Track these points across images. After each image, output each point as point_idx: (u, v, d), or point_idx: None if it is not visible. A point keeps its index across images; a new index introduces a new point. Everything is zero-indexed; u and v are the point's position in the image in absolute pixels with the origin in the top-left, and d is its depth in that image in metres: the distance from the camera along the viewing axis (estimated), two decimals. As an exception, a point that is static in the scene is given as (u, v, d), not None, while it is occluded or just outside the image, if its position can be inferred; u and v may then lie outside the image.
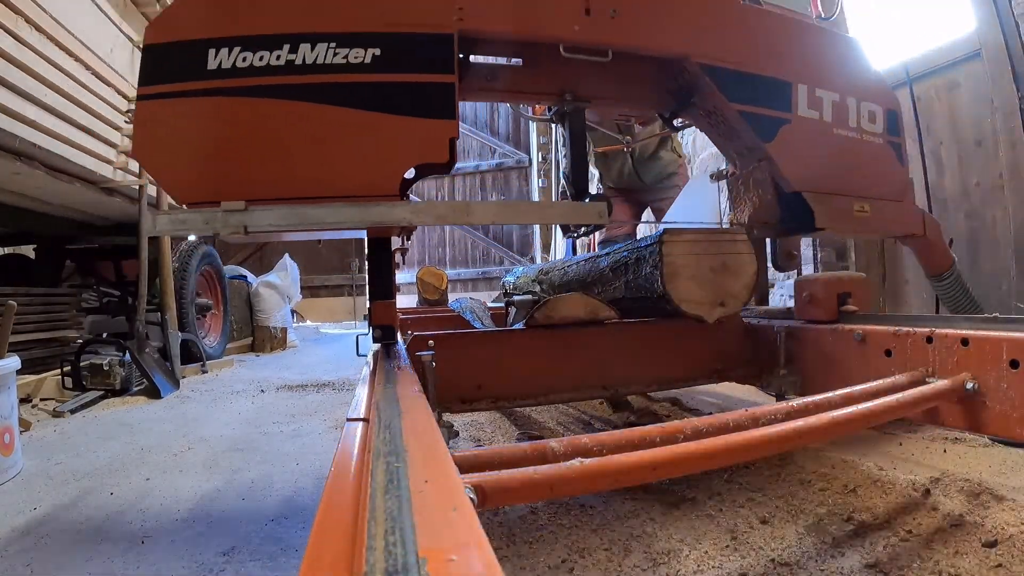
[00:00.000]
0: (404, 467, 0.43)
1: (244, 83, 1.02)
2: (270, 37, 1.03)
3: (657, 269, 1.23)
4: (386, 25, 1.06)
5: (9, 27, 1.69)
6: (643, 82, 1.51)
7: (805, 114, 1.43)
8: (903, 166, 1.60)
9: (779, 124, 1.40)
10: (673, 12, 1.32)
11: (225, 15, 1.05)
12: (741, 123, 1.38)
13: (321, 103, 1.03)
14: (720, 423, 0.73)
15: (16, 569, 0.92)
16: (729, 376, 1.47)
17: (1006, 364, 0.89)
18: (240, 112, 1.02)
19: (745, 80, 1.37)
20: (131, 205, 2.68)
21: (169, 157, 1.03)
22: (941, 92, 2.92)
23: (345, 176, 1.04)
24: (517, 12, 1.18)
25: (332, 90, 1.04)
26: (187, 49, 1.02)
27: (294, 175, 1.04)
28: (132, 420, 2.00)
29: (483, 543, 0.30)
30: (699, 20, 1.35)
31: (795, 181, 1.39)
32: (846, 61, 1.59)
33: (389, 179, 1.05)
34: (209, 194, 1.00)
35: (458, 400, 1.25)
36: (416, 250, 8.83)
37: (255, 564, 0.92)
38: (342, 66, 1.04)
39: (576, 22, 1.22)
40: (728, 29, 1.39)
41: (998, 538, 0.83)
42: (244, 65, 1.02)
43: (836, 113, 1.48)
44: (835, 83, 1.50)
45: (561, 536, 0.98)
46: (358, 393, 0.78)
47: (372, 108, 1.05)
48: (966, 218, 2.84)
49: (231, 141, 1.02)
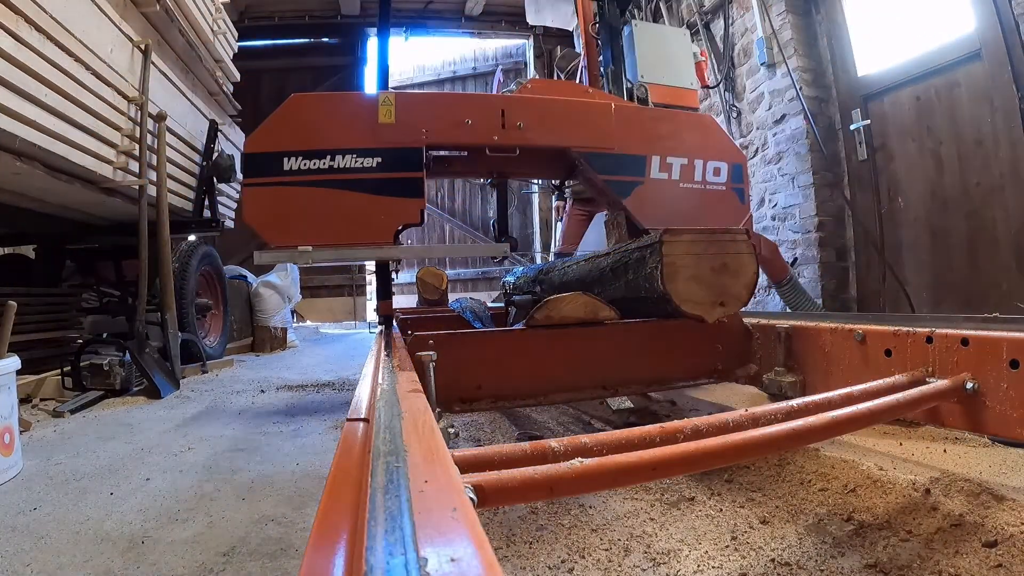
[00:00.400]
0: (404, 467, 0.43)
1: (304, 178, 1.75)
2: (318, 151, 1.77)
3: (657, 269, 1.23)
4: (384, 144, 1.81)
5: (9, 27, 1.69)
6: (542, 164, 2.34)
7: (656, 176, 2.13)
8: (743, 204, 2.26)
9: (634, 186, 2.09)
10: (558, 121, 2.03)
11: (291, 137, 1.77)
12: (607, 187, 2.07)
13: (349, 190, 1.78)
14: (720, 423, 0.73)
15: (17, 568, 0.92)
16: (729, 376, 1.47)
17: (1006, 364, 0.89)
18: (303, 195, 1.75)
19: (608, 158, 2.07)
20: (131, 205, 2.68)
21: (265, 218, 1.74)
22: (941, 92, 2.92)
23: (363, 231, 1.79)
24: (459, 131, 1.92)
25: (355, 183, 1.79)
26: (269, 157, 1.75)
27: (335, 230, 1.76)
28: (132, 420, 2.00)
29: (483, 543, 0.30)
30: (576, 124, 2.05)
31: (645, 222, 2.04)
32: (697, 134, 2.25)
33: (387, 233, 1.79)
34: (289, 240, 1.74)
35: (458, 400, 1.25)
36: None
37: (255, 564, 0.92)
38: (359, 168, 1.79)
39: (495, 134, 1.94)
40: (597, 126, 2.07)
41: (998, 538, 0.83)
42: (303, 167, 1.76)
43: (684, 172, 2.17)
44: (685, 151, 2.17)
45: (561, 536, 0.98)
46: (358, 393, 0.78)
47: (377, 193, 1.79)
48: (966, 218, 2.83)
49: (299, 210, 1.75)
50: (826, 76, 3.60)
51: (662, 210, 2.09)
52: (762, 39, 3.80)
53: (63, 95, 1.98)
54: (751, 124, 4.13)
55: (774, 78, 3.80)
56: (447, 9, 7.60)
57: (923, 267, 3.08)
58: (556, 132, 2.04)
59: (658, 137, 2.15)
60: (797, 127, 3.61)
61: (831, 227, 3.53)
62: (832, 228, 3.53)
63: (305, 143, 1.77)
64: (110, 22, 2.33)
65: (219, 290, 4.07)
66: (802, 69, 3.58)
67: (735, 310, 1.32)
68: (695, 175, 2.19)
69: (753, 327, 1.49)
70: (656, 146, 2.14)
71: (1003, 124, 2.60)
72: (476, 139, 1.95)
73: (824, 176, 3.53)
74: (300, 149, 1.77)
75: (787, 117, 3.70)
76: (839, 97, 3.54)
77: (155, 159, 2.65)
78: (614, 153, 2.09)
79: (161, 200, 2.66)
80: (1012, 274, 2.61)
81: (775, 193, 3.86)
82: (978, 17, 2.64)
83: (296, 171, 1.76)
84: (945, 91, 2.88)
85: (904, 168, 3.14)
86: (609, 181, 2.09)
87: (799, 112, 3.58)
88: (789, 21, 3.64)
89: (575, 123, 2.07)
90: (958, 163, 2.85)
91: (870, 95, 3.31)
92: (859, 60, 3.41)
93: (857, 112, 3.37)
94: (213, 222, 3.49)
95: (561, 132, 2.05)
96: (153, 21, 2.78)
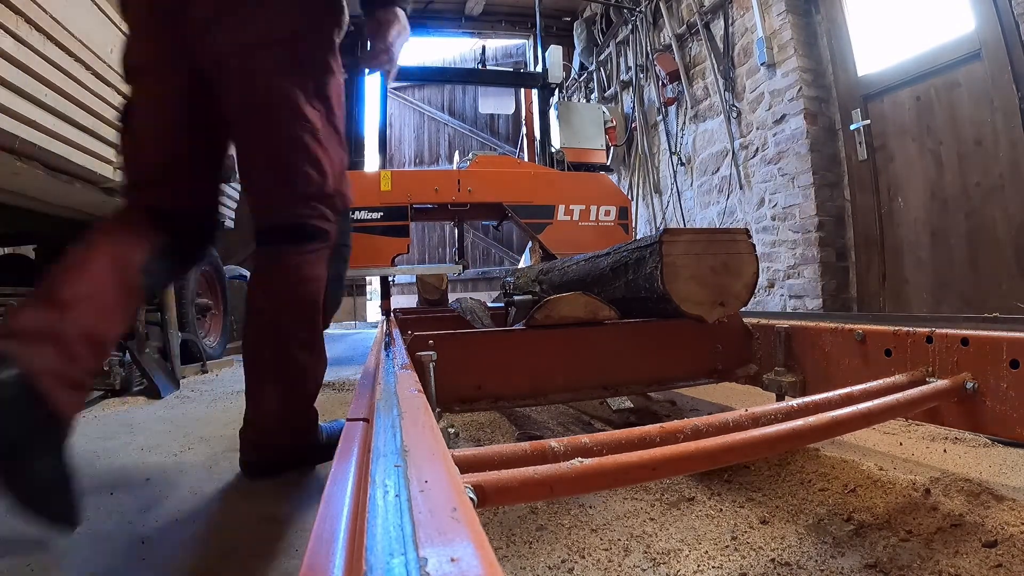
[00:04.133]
0: (404, 467, 0.43)
1: None
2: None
3: (657, 269, 1.22)
4: (383, 203, 3.09)
5: (9, 27, 1.69)
6: (486, 212, 3.60)
7: (562, 219, 3.30)
8: (628, 234, 3.41)
9: (545, 226, 3.28)
10: (494, 185, 3.26)
11: None
12: (527, 227, 3.29)
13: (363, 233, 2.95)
14: (720, 423, 0.73)
15: (18, 569, 0.92)
16: (729, 376, 1.47)
17: (1006, 364, 0.89)
18: None
19: (528, 208, 3.28)
20: (131, 205, 2.68)
21: None
22: (941, 92, 2.92)
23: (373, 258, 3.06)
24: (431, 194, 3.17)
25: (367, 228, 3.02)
26: None
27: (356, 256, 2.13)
28: (132, 420, 2.00)
29: (483, 543, 0.30)
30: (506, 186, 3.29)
31: (553, 250, 3.19)
32: (594, 187, 3.45)
33: (387, 259, 3.10)
34: None
35: (458, 400, 1.25)
36: (416, 250, 8.86)
37: (255, 564, 0.92)
38: (369, 219, 3.06)
39: (454, 194, 3.19)
40: (520, 187, 3.29)
41: (998, 538, 0.83)
42: None
43: (582, 215, 3.33)
44: (583, 200, 3.34)
45: (561, 536, 0.98)
46: (358, 393, 0.78)
47: (381, 235, 3.07)
48: (966, 218, 2.83)
49: None
50: (826, 76, 3.60)
51: (565, 241, 3.22)
52: (762, 39, 3.80)
53: (63, 95, 1.98)
54: (751, 124, 4.13)
55: (774, 78, 3.80)
56: (447, 9, 7.60)
57: (923, 267, 3.08)
58: (493, 192, 3.24)
59: (562, 191, 3.34)
60: (797, 127, 3.61)
61: (831, 227, 3.53)
62: (832, 228, 3.53)
63: None
64: (110, 22, 2.33)
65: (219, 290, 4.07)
66: (802, 69, 3.58)
67: (735, 310, 1.32)
68: (591, 216, 3.33)
69: (753, 327, 1.49)
70: (561, 198, 3.32)
71: (1003, 124, 2.60)
72: (442, 198, 3.18)
73: (824, 176, 3.53)
74: None
75: (787, 117, 3.70)
76: (839, 97, 3.54)
77: (155, 159, 2.64)
78: (532, 204, 3.28)
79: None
80: (1012, 274, 2.61)
81: (775, 193, 3.86)
82: (978, 17, 2.64)
83: None
84: (945, 91, 2.88)
85: (904, 168, 3.14)
86: (528, 223, 3.27)
87: (799, 112, 3.58)
88: (789, 21, 3.64)
89: (506, 186, 3.28)
90: (958, 163, 2.85)
91: (870, 95, 3.31)
92: (859, 60, 3.41)
93: (857, 112, 3.37)
94: (213, 222, 3.47)
95: (496, 192, 3.24)
96: (153, 21, 2.77)
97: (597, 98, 6.60)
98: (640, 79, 5.75)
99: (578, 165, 5.24)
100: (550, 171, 3.73)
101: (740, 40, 4.23)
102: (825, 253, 3.51)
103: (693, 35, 4.83)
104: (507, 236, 8.82)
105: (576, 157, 5.33)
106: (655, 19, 5.42)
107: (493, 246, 9.05)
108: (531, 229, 3.26)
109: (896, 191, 3.19)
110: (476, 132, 9.10)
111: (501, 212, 3.39)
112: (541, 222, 3.26)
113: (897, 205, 3.19)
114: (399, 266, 3.20)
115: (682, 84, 4.98)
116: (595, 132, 5.56)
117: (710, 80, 4.58)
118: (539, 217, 3.26)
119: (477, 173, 3.29)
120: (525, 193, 3.26)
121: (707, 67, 4.60)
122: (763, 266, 3.90)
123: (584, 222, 3.32)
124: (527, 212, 3.26)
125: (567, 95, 7.07)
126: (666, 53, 5.21)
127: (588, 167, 5.31)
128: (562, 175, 3.68)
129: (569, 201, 3.30)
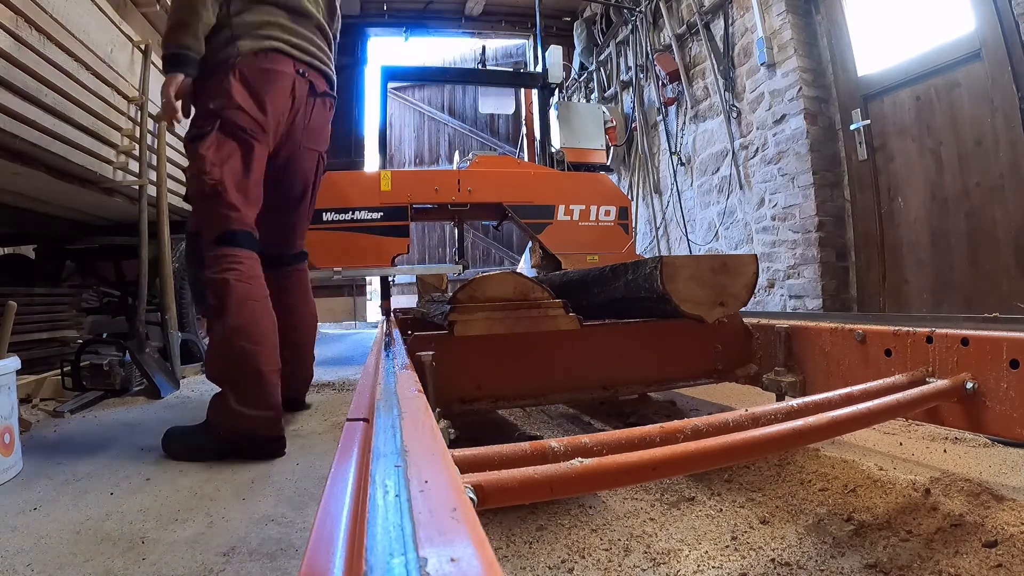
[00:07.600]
0: (404, 467, 0.43)
1: (336, 226, 2.97)
2: (343, 208, 3.00)
3: (657, 269, 1.22)
4: (383, 203, 3.05)
5: (9, 27, 1.69)
6: (485, 212, 3.59)
7: (562, 219, 3.28)
8: (627, 235, 3.39)
9: (545, 226, 3.27)
10: (494, 185, 3.23)
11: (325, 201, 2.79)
12: (527, 227, 3.27)
13: (363, 233, 3.01)
14: (720, 423, 0.73)
15: (17, 568, 0.92)
16: (729, 376, 1.47)
17: (1006, 364, 0.89)
18: (335, 237, 2.97)
19: (528, 208, 3.27)
20: (131, 205, 2.68)
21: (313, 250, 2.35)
22: (941, 92, 2.92)
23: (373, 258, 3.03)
24: (431, 194, 3.14)
25: (367, 228, 3.01)
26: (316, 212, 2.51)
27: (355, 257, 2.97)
28: (132, 420, 2.00)
29: (483, 543, 0.30)
30: (506, 186, 3.26)
31: (553, 250, 3.24)
32: (594, 187, 3.43)
33: (387, 259, 3.05)
34: (328, 264, 2.95)
35: (458, 400, 1.25)
36: (416, 250, 8.86)
37: (255, 564, 0.92)
38: (369, 219, 3.03)
39: (454, 194, 3.15)
40: (520, 187, 3.27)
41: (998, 538, 0.83)
42: (335, 219, 2.99)
43: (582, 214, 3.31)
44: (583, 200, 3.33)
45: (561, 536, 0.98)
46: (358, 393, 0.78)
47: (381, 235, 3.03)
48: (966, 218, 2.83)
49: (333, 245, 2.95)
50: (826, 76, 3.60)
51: (565, 240, 3.26)
52: (762, 39, 3.80)
53: (63, 95, 1.97)
54: (751, 124, 4.13)
55: (774, 78, 3.80)
56: (447, 9, 7.60)
57: (923, 267, 3.08)
58: (493, 192, 3.22)
59: (562, 191, 3.32)
60: (797, 127, 3.61)
61: (831, 227, 3.53)
62: (832, 228, 3.53)
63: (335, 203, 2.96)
64: (110, 22, 2.33)
65: (219, 290, 4.06)
66: (802, 69, 3.58)
67: (735, 310, 1.32)
68: (591, 216, 3.32)
69: (753, 327, 1.49)
70: (561, 198, 3.30)
71: (1003, 124, 2.60)
72: (442, 198, 3.15)
73: (824, 176, 3.53)
74: (330, 207, 2.94)
75: (787, 117, 3.70)
76: (839, 97, 3.54)
77: (155, 159, 2.64)
78: (532, 204, 3.26)
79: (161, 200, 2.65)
80: (1012, 274, 2.61)
81: (775, 193, 3.86)
82: (978, 17, 2.64)
83: (331, 221, 2.96)
84: (945, 91, 2.88)
85: (904, 168, 3.14)
86: (528, 223, 3.26)
87: (799, 112, 3.58)
88: (789, 21, 3.64)
89: (505, 186, 3.26)
90: (958, 163, 2.84)
91: (870, 95, 3.31)
92: (859, 60, 3.41)
93: (857, 112, 3.37)
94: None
95: (496, 192, 3.23)
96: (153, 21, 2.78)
97: (597, 98, 6.60)
98: (640, 79, 5.75)
99: (578, 165, 5.27)
100: (550, 171, 3.71)
101: (740, 40, 4.23)
102: (825, 253, 3.51)
103: (693, 35, 4.83)
104: (507, 236, 8.82)
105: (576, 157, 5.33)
106: (655, 19, 5.42)
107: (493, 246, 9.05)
108: (531, 229, 3.25)
109: (896, 191, 3.19)
110: (476, 132, 9.11)
111: (501, 212, 3.39)
112: (541, 222, 3.26)
113: (897, 205, 3.19)
114: (399, 266, 3.16)
115: (682, 84, 4.98)
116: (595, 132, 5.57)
117: (710, 80, 4.58)
118: (539, 217, 3.26)
119: (477, 173, 3.28)
120: (525, 193, 3.25)
121: (707, 67, 4.60)
122: (763, 266, 3.91)
123: (584, 222, 3.31)
124: (527, 212, 3.26)
125: (567, 95, 7.08)
126: (666, 53, 5.21)
127: (588, 167, 5.33)
128: (562, 175, 3.67)
129: (569, 201, 3.29)
